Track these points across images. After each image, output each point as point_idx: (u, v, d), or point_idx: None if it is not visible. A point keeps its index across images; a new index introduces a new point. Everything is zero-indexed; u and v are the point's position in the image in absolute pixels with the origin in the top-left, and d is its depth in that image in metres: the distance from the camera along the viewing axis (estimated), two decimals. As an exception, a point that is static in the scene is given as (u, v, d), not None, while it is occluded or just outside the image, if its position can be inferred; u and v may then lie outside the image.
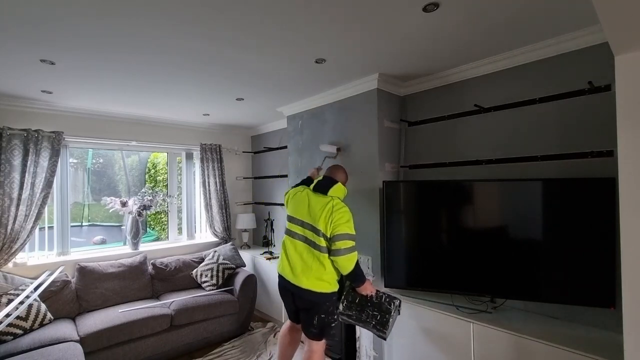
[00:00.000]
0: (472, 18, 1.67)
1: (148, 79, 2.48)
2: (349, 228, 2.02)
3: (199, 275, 3.48)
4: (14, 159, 2.84)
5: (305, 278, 2.05)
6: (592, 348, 1.58)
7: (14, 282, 2.71)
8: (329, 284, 2.06)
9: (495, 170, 2.20)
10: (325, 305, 2.07)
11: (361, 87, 2.59)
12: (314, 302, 2.07)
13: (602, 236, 1.72)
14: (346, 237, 1.99)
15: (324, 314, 2.07)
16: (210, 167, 4.08)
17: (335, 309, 2.11)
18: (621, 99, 1.12)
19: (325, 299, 2.07)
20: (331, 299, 2.09)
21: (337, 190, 2.14)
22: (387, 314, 2.02)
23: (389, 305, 2.04)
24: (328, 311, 2.08)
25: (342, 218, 2.01)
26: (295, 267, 2.10)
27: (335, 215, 2.01)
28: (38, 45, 1.89)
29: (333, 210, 2.03)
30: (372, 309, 2.05)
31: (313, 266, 2.05)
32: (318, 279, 2.04)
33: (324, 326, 2.09)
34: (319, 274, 2.04)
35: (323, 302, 2.06)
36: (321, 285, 2.04)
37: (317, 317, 2.07)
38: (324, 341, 2.14)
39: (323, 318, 2.07)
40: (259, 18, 1.64)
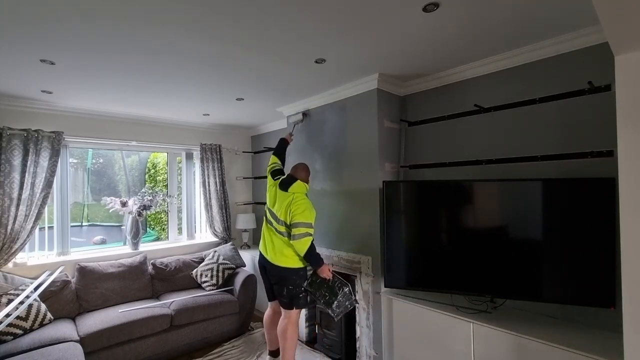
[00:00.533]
0: (472, 18, 1.67)
1: (148, 79, 2.48)
2: (304, 217, 2.35)
3: (199, 275, 3.48)
4: (14, 159, 2.83)
5: (274, 255, 2.48)
6: (592, 348, 1.58)
7: (14, 282, 2.71)
8: (292, 261, 2.44)
9: (495, 170, 2.20)
10: (291, 279, 2.44)
11: (361, 87, 2.59)
12: (282, 276, 2.46)
13: (602, 236, 1.71)
14: (300, 225, 2.33)
15: (292, 286, 2.44)
16: (210, 167, 4.08)
17: (302, 282, 2.46)
18: (621, 99, 1.12)
19: (291, 273, 2.44)
20: (297, 273, 2.45)
21: (296, 187, 2.47)
22: (334, 296, 2.34)
23: (338, 290, 2.36)
24: (295, 283, 2.44)
25: (297, 209, 2.37)
26: (268, 246, 2.54)
27: (292, 207, 2.39)
28: (38, 45, 1.89)
29: (291, 203, 2.41)
30: (325, 290, 2.39)
31: (278, 246, 2.47)
32: (284, 256, 2.44)
33: (292, 296, 2.45)
34: (285, 253, 2.44)
35: (289, 275, 2.43)
36: (286, 261, 2.43)
37: (285, 289, 2.44)
38: (296, 310, 2.49)
39: (291, 289, 2.44)
40: (259, 18, 1.64)
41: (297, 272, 2.46)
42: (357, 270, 2.65)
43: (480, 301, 2.15)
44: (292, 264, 2.44)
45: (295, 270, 2.45)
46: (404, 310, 2.31)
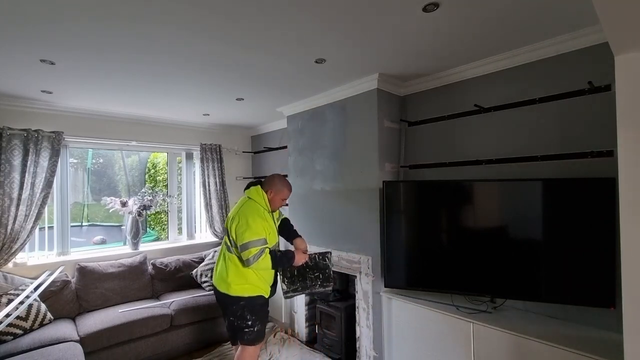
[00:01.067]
0: (472, 18, 1.67)
1: (148, 79, 2.48)
2: (250, 233, 1.93)
3: (199, 275, 3.48)
4: (14, 159, 2.83)
5: (215, 278, 2.14)
6: (592, 348, 1.58)
7: (14, 282, 2.71)
8: (233, 288, 2.02)
9: (495, 170, 2.20)
10: (232, 308, 2.04)
11: (361, 87, 2.58)
12: (221, 302, 2.12)
13: (602, 236, 1.71)
14: (249, 245, 1.92)
15: (232, 317, 2.04)
16: (210, 167, 4.08)
17: (245, 313, 2.01)
18: (621, 99, 1.12)
19: (232, 302, 2.03)
20: (237, 302, 2.01)
21: (254, 192, 2.13)
22: (327, 268, 2.17)
23: (324, 261, 2.18)
24: (236, 315, 2.02)
25: (241, 225, 1.96)
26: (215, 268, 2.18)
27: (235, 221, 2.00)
28: (38, 45, 1.89)
29: (235, 216, 2.03)
30: (312, 272, 2.16)
31: (221, 266, 2.11)
32: (224, 281, 2.06)
33: (234, 330, 2.07)
34: (224, 275, 2.06)
35: (230, 303, 2.04)
36: (225, 287, 2.04)
37: (226, 320, 2.11)
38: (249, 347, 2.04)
39: (232, 321, 2.05)
40: (259, 18, 1.64)
41: (237, 301, 2.02)
42: (357, 270, 2.65)
43: (480, 301, 2.15)
44: (234, 291, 2.02)
45: (234, 299, 2.02)
46: (404, 311, 2.31)
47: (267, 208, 2.14)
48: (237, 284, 2.03)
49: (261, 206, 2.11)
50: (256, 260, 1.93)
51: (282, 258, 2.07)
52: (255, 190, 2.15)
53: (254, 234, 1.95)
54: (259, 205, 2.11)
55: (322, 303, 3.06)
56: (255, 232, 1.96)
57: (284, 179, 2.24)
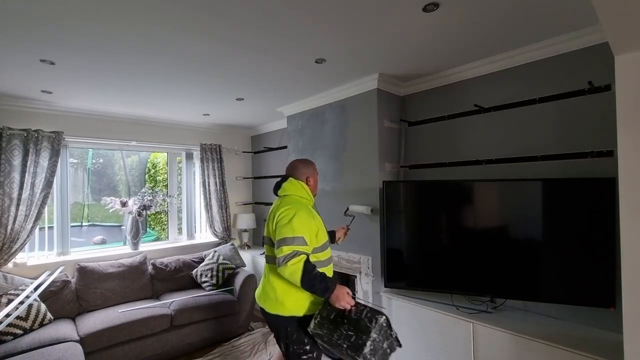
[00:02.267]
0: (472, 18, 1.67)
1: (148, 79, 2.48)
2: (289, 230, 1.59)
3: (199, 275, 3.48)
4: (14, 159, 2.83)
5: (262, 296, 1.78)
6: (592, 348, 1.58)
7: (14, 282, 2.71)
8: (285, 306, 1.66)
9: (495, 170, 2.20)
10: (285, 331, 1.69)
11: (361, 87, 2.58)
12: (272, 324, 1.76)
13: (602, 236, 1.71)
14: (283, 242, 1.58)
15: (287, 340, 1.69)
16: (210, 167, 4.08)
17: (301, 336, 1.67)
18: (621, 99, 1.12)
19: (284, 323, 1.68)
20: (291, 323, 1.67)
21: (287, 187, 1.78)
22: (365, 333, 1.46)
23: (369, 323, 1.48)
24: (292, 339, 1.67)
25: (282, 218, 1.62)
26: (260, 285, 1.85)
27: (276, 214, 1.66)
28: (38, 45, 1.89)
29: (276, 211, 1.68)
30: (348, 328, 1.52)
31: (269, 280, 1.74)
32: (273, 297, 1.70)
33: (289, 356, 1.71)
34: (273, 292, 1.70)
35: (282, 326, 1.69)
36: (276, 306, 1.69)
37: (282, 344, 1.73)
38: None
39: (287, 344, 1.69)
40: (259, 18, 1.64)
41: (291, 322, 1.66)
42: (357, 270, 2.65)
43: (480, 301, 2.15)
44: (287, 310, 1.66)
45: (287, 319, 1.66)
46: (404, 311, 2.31)
47: (312, 200, 1.82)
48: (291, 301, 1.66)
49: (305, 199, 1.79)
50: (286, 262, 1.55)
51: (318, 279, 1.56)
52: (290, 184, 1.78)
53: (289, 230, 1.59)
54: (303, 199, 1.78)
55: (322, 303, 3.04)
56: (292, 228, 1.60)
57: (308, 160, 1.96)
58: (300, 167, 1.85)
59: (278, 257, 1.58)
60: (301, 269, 1.54)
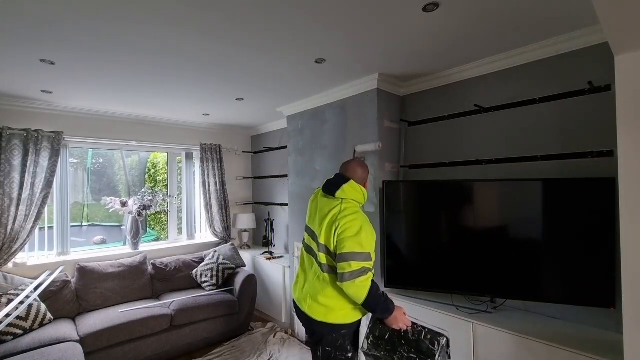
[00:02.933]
0: (472, 18, 1.67)
1: (148, 79, 2.48)
2: (357, 244, 1.51)
3: (199, 275, 3.48)
4: (14, 159, 2.83)
5: (307, 300, 1.65)
6: (592, 348, 1.58)
7: (14, 282, 2.71)
8: (334, 315, 1.59)
9: (495, 170, 2.20)
10: (330, 337, 1.61)
11: (361, 87, 2.58)
12: (316, 330, 1.66)
13: (602, 236, 1.71)
14: (350, 256, 1.50)
15: (330, 347, 1.61)
16: (210, 167, 4.08)
17: (348, 343, 1.63)
18: (621, 99, 1.12)
19: (331, 331, 1.61)
20: (338, 331, 1.61)
21: (348, 190, 1.65)
22: (430, 357, 1.46)
23: (431, 345, 1.48)
24: (335, 345, 1.60)
25: (348, 229, 1.53)
26: (299, 286, 1.74)
27: (341, 223, 1.55)
28: (38, 45, 1.89)
29: (338, 217, 1.57)
30: (408, 350, 1.52)
31: (316, 287, 1.63)
32: (320, 304, 1.60)
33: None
34: (321, 298, 1.60)
35: (328, 332, 1.61)
36: (324, 313, 1.60)
37: (321, 349, 1.64)
38: None
39: (329, 352, 1.62)
40: (259, 18, 1.64)
41: (338, 329, 1.61)
42: (357, 270, 2.64)
43: (480, 301, 2.15)
44: (333, 318, 1.59)
45: (336, 327, 1.60)
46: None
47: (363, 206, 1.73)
48: (341, 309, 1.60)
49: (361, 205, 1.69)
50: (353, 278, 1.48)
51: (381, 299, 1.55)
52: (351, 187, 1.66)
53: (357, 245, 1.52)
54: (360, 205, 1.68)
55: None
56: (363, 242, 1.53)
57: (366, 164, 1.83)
58: (359, 171, 1.74)
59: (344, 272, 1.50)
60: (368, 288, 1.51)
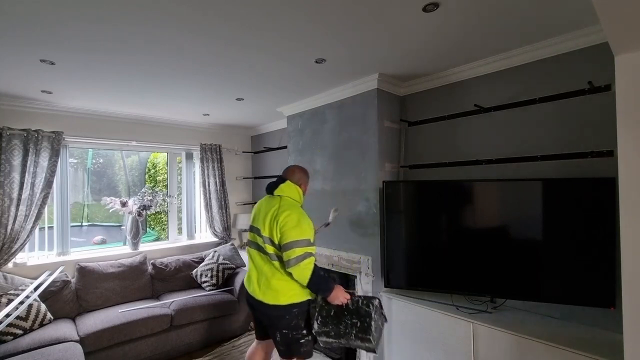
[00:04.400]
0: (472, 18, 1.67)
1: (148, 79, 2.48)
2: (298, 233, 1.74)
3: (199, 275, 3.48)
4: (14, 159, 2.83)
5: (259, 289, 1.85)
6: (592, 348, 1.58)
7: (14, 282, 2.71)
8: (284, 296, 1.80)
9: (495, 170, 2.20)
10: (285, 319, 1.81)
11: (361, 87, 2.58)
12: (271, 316, 1.83)
13: (602, 236, 1.71)
14: (294, 244, 1.72)
15: (286, 329, 1.81)
16: (210, 167, 4.08)
17: (300, 322, 1.84)
18: (621, 99, 1.12)
19: (284, 312, 1.80)
20: (290, 311, 1.81)
21: (285, 189, 1.90)
22: (368, 317, 1.73)
23: (367, 308, 1.76)
24: (290, 325, 1.81)
25: (289, 222, 1.75)
26: (253, 277, 1.91)
27: (281, 217, 1.76)
28: (38, 45, 1.89)
29: (278, 212, 1.79)
30: (351, 317, 1.76)
31: (267, 274, 1.84)
32: (272, 289, 1.80)
33: (289, 343, 1.84)
34: (273, 282, 1.81)
35: (282, 315, 1.80)
36: (276, 296, 1.80)
37: (278, 334, 1.83)
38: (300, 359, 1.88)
39: (285, 334, 1.82)
40: (259, 18, 1.64)
41: (290, 310, 1.80)
42: (357, 270, 2.64)
43: (480, 301, 2.15)
44: (285, 300, 1.80)
45: (287, 308, 1.80)
46: (404, 310, 2.31)
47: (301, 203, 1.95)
48: (290, 290, 1.80)
49: (297, 202, 1.91)
50: (298, 262, 1.71)
51: (323, 279, 1.78)
52: (288, 186, 1.92)
53: (300, 233, 1.75)
54: (296, 202, 1.91)
55: (322, 303, 3.05)
56: (303, 231, 1.76)
57: (305, 168, 2.09)
58: (297, 173, 2.02)
59: (290, 258, 1.73)
60: (311, 269, 1.75)
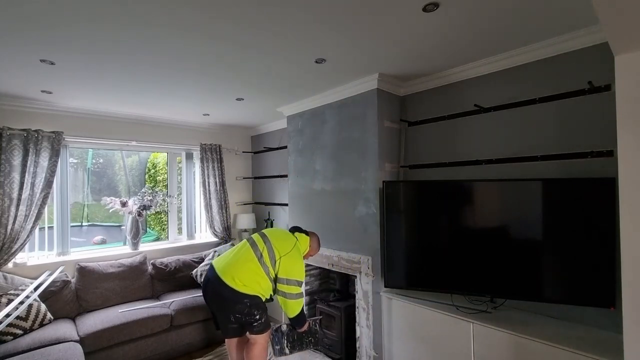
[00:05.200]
0: (472, 18, 1.67)
1: (148, 79, 2.48)
2: (300, 275, 2.25)
3: (199, 275, 3.48)
4: (14, 159, 2.83)
5: (230, 275, 2.12)
6: (592, 348, 1.58)
7: (14, 282, 2.71)
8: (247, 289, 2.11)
9: (495, 170, 2.20)
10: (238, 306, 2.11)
11: (361, 87, 2.58)
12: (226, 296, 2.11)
13: (602, 236, 1.71)
14: (298, 283, 2.22)
15: (239, 314, 2.12)
16: (210, 167, 4.08)
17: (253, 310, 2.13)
18: (621, 99, 1.13)
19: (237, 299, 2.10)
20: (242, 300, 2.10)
21: (303, 242, 2.40)
22: (316, 333, 2.44)
23: (315, 327, 2.44)
24: (244, 312, 2.11)
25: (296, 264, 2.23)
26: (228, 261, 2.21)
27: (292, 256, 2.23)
28: (38, 45, 1.89)
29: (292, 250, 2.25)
30: (307, 336, 2.41)
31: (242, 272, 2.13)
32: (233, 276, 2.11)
33: (243, 324, 2.19)
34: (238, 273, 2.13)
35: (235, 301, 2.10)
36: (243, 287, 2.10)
37: (232, 317, 2.13)
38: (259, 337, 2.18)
39: (239, 317, 2.13)
40: (259, 18, 1.64)
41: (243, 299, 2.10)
42: (357, 270, 2.65)
43: (480, 301, 2.15)
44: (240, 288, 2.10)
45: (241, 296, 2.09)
46: (404, 311, 2.31)
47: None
48: (247, 286, 2.12)
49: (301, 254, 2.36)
50: (297, 298, 2.21)
51: (303, 316, 2.31)
52: (305, 241, 2.42)
53: (301, 276, 2.27)
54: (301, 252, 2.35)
55: (322, 303, 3.06)
56: (302, 275, 2.28)
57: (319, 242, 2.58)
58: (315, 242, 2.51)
59: (292, 293, 2.19)
60: (301, 307, 2.25)
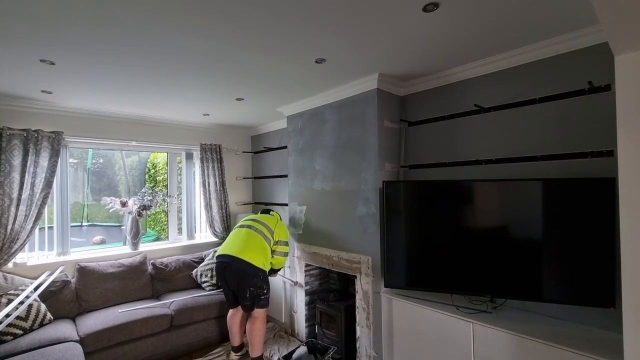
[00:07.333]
0: (472, 18, 1.67)
1: (148, 79, 2.48)
2: (288, 236, 3.04)
3: (199, 275, 3.48)
4: (14, 159, 2.83)
5: (248, 253, 2.68)
6: (592, 348, 1.58)
7: (14, 282, 2.71)
8: (257, 261, 2.68)
9: (495, 170, 2.20)
10: (253, 280, 2.66)
11: (361, 87, 2.58)
12: (248, 272, 2.65)
13: (602, 236, 1.71)
14: (285, 243, 2.94)
15: (253, 287, 2.66)
16: (210, 167, 4.08)
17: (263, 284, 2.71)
18: (621, 99, 1.13)
19: (258, 272, 2.67)
20: (258, 274, 2.68)
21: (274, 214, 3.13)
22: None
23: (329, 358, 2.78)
24: (257, 286, 2.67)
25: (283, 230, 2.98)
26: (240, 244, 2.74)
27: (278, 228, 2.94)
28: (38, 45, 1.89)
29: (277, 223, 2.98)
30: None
31: (253, 249, 2.72)
32: (250, 252, 2.69)
33: (254, 297, 2.69)
34: (253, 250, 2.71)
35: (255, 273, 2.66)
36: (258, 260, 2.68)
37: (248, 291, 2.65)
38: (261, 310, 2.74)
39: (252, 291, 2.67)
40: (259, 18, 1.64)
41: (259, 273, 2.68)
42: (357, 270, 2.65)
43: (480, 301, 2.15)
44: (257, 262, 2.68)
45: (262, 270, 2.69)
46: (404, 310, 2.31)
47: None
48: (261, 261, 2.72)
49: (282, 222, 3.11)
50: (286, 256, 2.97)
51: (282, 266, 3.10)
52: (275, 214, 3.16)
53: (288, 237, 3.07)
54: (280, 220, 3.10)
55: (322, 303, 3.06)
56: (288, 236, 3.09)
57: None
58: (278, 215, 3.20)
59: (283, 251, 2.93)
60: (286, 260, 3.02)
